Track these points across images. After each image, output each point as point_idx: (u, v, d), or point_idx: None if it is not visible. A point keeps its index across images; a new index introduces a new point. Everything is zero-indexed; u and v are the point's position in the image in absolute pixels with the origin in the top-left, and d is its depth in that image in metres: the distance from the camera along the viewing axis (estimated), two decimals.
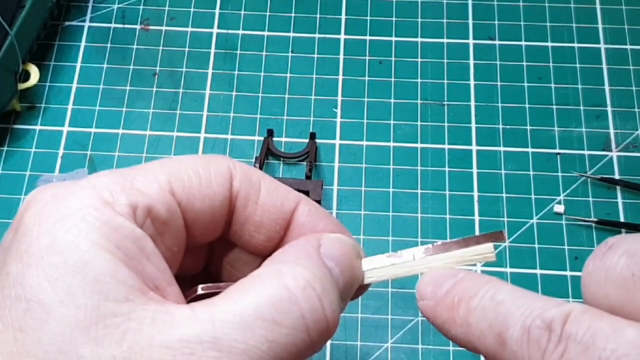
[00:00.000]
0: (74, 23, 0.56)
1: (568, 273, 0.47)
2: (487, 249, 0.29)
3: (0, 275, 0.23)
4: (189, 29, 0.55)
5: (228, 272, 0.30)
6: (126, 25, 0.56)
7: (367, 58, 0.55)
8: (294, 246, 0.27)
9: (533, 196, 0.49)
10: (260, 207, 0.28)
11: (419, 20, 0.56)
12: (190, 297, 0.27)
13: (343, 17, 0.56)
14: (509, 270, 0.47)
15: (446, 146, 0.51)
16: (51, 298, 0.22)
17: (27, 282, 0.22)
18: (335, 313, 0.25)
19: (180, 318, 0.23)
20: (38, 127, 0.52)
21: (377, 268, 0.29)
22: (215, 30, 0.56)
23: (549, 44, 0.55)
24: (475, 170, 0.50)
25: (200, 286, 0.27)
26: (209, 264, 0.31)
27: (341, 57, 0.55)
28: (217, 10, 0.56)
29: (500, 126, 0.52)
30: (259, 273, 0.25)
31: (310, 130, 0.51)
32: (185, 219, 0.26)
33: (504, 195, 0.49)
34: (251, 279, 0.25)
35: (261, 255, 0.29)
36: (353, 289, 0.28)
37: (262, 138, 0.51)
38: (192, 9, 0.56)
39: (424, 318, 0.46)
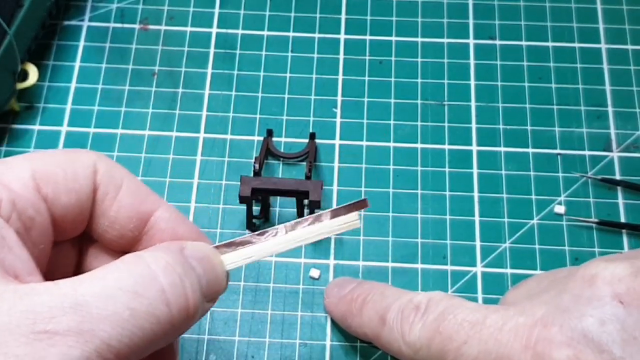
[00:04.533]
0: (72, 22, 0.55)
1: None
2: (352, 218, 0.32)
3: None
4: (188, 29, 0.55)
5: None
6: (125, 25, 0.55)
7: (367, 58, 0.54)
8: (156, 245, 0.29)
9: (533, 197, 0.49)
10: (117, 202, 0.29)
11: (419, 20, 0.56)
12: None
13: (343, 16, 0.56)
14: (509, 271, 0.47)
15: (446, 146, 0.51)
16: None
17: None
18: (196, 294, 0.27)
19: (43, 289, 0.24)
20: (37, 127, 0.51)
21: (240, 258, 0.30)
22: (214, 30, 0.55)
23: (550, 44, 0.55)
24: (475, 171, 0.50)
25: None
26: (79, 268, 0.32)
27: (341, 57, 0.54)
28: (216, 10, 0.56)
29: (501, 126, 0.52)
30: (121, 259, 0.26)
31: (310, 130, 0.51)
32: (51, 213, 0.28)
33: (505, 195, 0.49)
34: (114, 262, 0.26)
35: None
36: (217, 290, 0.29)
37: (261, 138, 0.51)
38: (191, 9, 0.56)
39: None
